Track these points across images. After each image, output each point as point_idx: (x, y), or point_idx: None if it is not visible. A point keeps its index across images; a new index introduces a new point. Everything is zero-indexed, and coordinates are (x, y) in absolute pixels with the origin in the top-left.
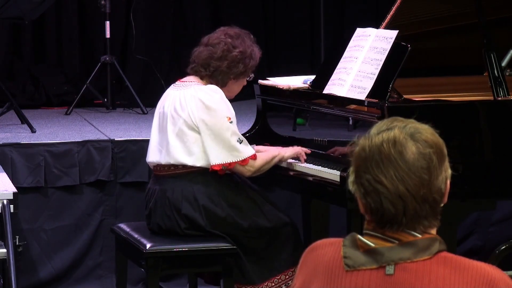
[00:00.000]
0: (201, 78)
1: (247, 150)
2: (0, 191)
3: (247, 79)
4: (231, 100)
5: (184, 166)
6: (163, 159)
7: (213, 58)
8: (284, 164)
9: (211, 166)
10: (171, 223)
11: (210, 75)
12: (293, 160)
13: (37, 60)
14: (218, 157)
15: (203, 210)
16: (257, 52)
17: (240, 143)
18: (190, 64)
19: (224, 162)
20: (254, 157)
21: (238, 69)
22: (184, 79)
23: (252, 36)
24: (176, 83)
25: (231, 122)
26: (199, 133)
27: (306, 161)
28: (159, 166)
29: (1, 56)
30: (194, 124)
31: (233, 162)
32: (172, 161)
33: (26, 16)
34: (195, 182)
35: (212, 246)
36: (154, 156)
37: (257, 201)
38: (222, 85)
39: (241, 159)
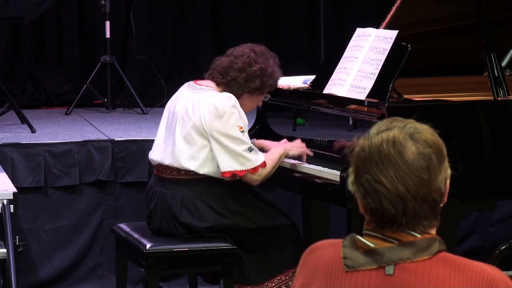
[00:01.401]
0: (217, 84)
1: (257, 158)
2: (0, 191)
3: (263, 98)
4: None
5: (187, 173)
6: (167, 159)
7: (233, 68)
8: (284, 164)
9: (222, 172)
10: (170, 228)
11: (226, 84)
12: (294, 161)
13: (37, 60)
14: (227, 165)
15: (207, 221)
16: (278, 74)
17: (250, 151)
18: (208, 70)
19: (235, 170)
20: (263, 164)
21: (254, 84)
22: (200, 81)
23: (278, 60)
24: (191, 84)
25: (242, 131)
26: (207, 139)
27: (306, 161)
28: (161, 167)
29: (1, 56)
30: (204, 130)
31: (243, 170)
32: (175, 164)
33: (26, 16)
34: (196, 190)
35: (212, 246)
36: (158, 154)
37: (257, 203)
38: (236, 96)
39: (251, 168)
